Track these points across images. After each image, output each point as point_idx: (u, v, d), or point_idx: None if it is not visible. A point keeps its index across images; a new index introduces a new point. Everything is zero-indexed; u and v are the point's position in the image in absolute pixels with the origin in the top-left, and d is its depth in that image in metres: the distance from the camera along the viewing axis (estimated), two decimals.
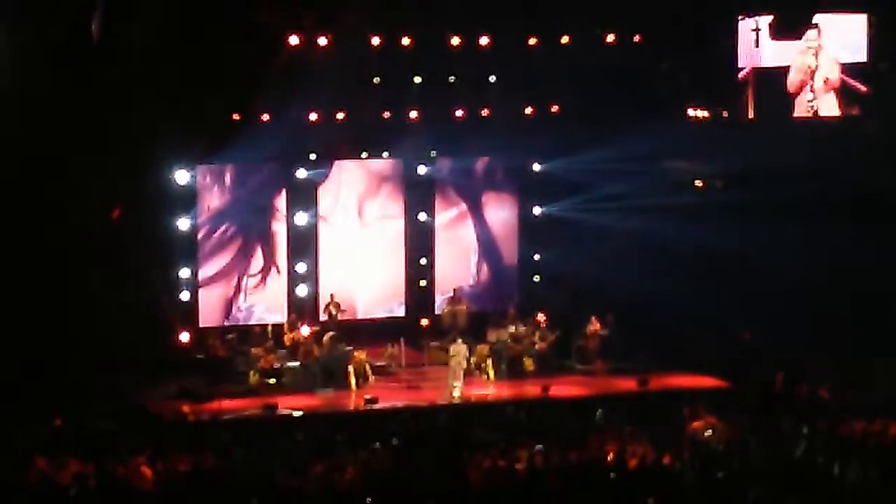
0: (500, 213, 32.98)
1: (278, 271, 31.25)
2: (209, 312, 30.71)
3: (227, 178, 30.86)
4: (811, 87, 30.03)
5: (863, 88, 30.06)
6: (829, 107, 30.26)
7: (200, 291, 30.56)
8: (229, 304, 30.96)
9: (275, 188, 31.24)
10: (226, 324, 30.59)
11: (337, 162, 31.45)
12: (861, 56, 30.06)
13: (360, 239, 31.96)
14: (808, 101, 30.11)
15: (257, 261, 31.17)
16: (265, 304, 31.12)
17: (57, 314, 27.01)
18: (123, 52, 27.36)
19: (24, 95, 26.55)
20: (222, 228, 30.85)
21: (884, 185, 29.88)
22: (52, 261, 27.17)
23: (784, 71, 30.18)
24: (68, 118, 26.82)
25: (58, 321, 26.91)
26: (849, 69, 30.11)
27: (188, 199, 30.12)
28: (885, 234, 29.56)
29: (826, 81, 30.01)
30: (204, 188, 30.55)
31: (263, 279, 31.23)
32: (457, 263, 32.68)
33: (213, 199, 30.67)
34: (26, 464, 21.16)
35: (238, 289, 31.01)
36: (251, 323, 30.67)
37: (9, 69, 26.72)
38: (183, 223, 29.96)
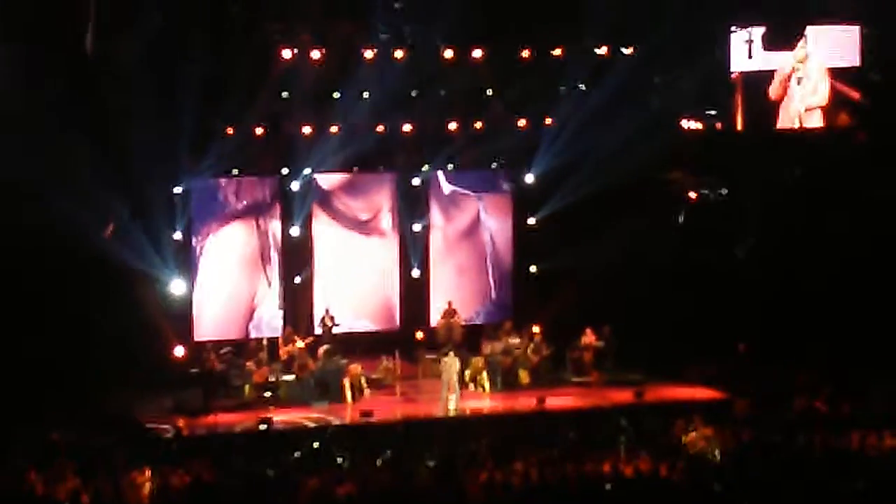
0: (496, 225, 32.98)
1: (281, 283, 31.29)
2: (219, 325, 30.63)
3: (222, 192, 30.82)
4: (795, 96, 30.09)
5: (856, 95, 30.08)
6: (814, 118, 30.30)
7: (208, 305, 30.54)
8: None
9: (270, 201, 31.20)
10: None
11: (331, 175, 31.43)
12: (855, 60, 30.08)
13: (355, 252, 31.92)
14: (794, 113, 30.16)
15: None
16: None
17: (52, 329, 26.96)
18: (118, 66, 27.36)
19: (20, 107, 26.58)
20: (223, 242, 30.80)
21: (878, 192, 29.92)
22: (47, 275, 27.12)
23: (771, 75, 30.23)
24: (61, 131, 26.82)
25: (54, 336, 26.87)
26: (841, 74, 30.15)
27: (183, 213, 30.06)
28: (884, 245, 29.66)
29: (815, 92, 30.02)
30: (200, 201, 30.50)
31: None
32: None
33: (211, 213, 30.66)
34: (22, 478, 21.15)
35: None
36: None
37: (6, 81, 26.75)
38: (177, 236, 29.90)
